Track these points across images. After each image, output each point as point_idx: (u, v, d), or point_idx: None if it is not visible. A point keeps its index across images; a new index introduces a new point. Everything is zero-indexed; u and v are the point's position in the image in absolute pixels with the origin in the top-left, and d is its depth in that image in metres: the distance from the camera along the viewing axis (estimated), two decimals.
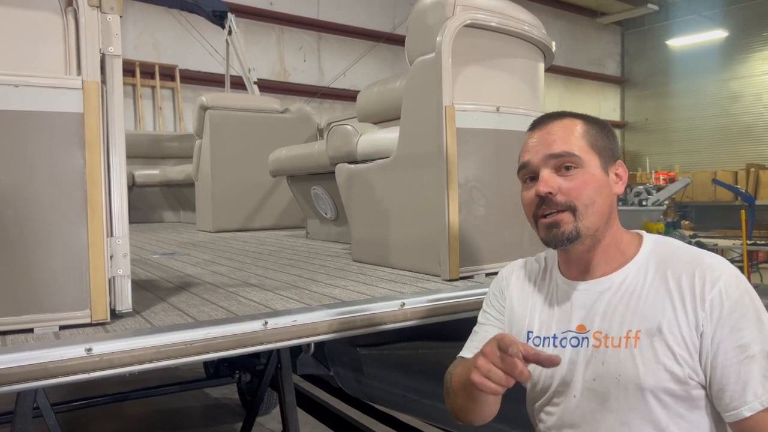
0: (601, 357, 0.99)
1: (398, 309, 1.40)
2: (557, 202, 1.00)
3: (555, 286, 1.09)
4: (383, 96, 2.56)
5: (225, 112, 3.89)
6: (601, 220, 1.01)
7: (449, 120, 1.66)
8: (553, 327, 1.06)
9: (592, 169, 1.01)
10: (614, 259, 1.04)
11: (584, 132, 1.03)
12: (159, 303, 1.46)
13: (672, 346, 0.93)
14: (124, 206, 1.28)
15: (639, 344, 0.95)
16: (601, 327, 1.00)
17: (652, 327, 0.95)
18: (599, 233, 1.02)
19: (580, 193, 0.99)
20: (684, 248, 1.02)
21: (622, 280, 1.02)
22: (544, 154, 1.02)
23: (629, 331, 0.97)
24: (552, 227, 1.00)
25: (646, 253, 1.03)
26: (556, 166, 1.01)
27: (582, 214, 0.99)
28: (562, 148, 1.01)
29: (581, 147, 1.01)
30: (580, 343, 1.01)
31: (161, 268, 2.12)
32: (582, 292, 1.04)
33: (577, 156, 1.00)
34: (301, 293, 1.55)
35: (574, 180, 1.00)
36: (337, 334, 1.31)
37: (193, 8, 5.57)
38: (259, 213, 3.98)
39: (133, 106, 8.05)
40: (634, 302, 0.98)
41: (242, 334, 1.20)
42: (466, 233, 1.73)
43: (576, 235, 0.99)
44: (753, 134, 12.06)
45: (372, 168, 2.04)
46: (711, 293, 0.93)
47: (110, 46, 1.25)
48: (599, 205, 1.00)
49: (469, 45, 1.73)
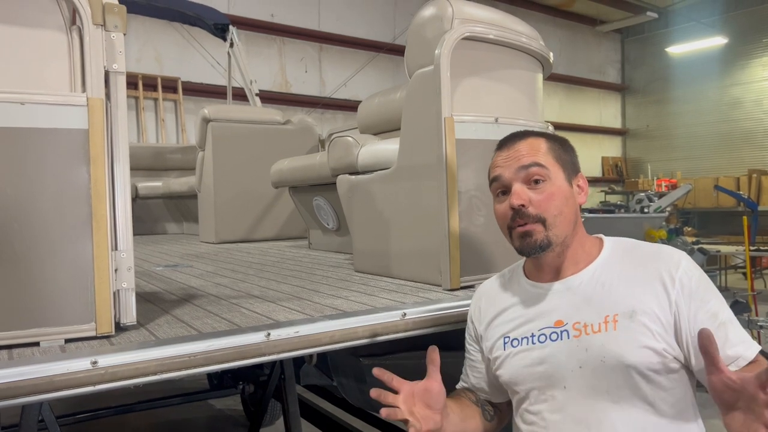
0: (583, 344, 1.06)
1: (400, 319, 1.41)
2: (529, 214, 1.09)
3: (524, 292, 1.18)
4: (384, 107, 2.59)
5: (227, 124, 3.92)
6: (568, 228, 1.11)
7: (448, 131, 1.68)
8: (529, 327, 1.13)
9: (558, 182, 1.11)
10: (581, 259, 1.13)
11: (548, 148, 1.14)
12: (163, 315, 1.47)
13: (648, 324, 1.02)
14: (129, 220, 1.30)
15: (618, 326, 1.03)
16: (578, 318, 1.08)
17: (627, 310, 1.04)
18: (567, 239, 1.12)
19: (549, 205, 1.09)
20: (642, 243, 1.14)
21: (591, 274, 1.11)
22: (515, 167, 1.12)
23: (607, 316, 1.05)
24: (525, 236, 1.10)
25: (608, 250, 1.14)
26: (526, 179, 1.11)
27: (551, 224, 1.09)
28: (532, 159, 1.11)
29: (547, 161, 1.12)
30: (560, 336, 1.08)
31: (165, 280, 2.13)
32: (555, 292, 1.13)
33: (545, 167, 1.10)
34: (303, 304, 1.56)
35: (543, 193, 1.09)
36: (339, 345, 1.32)
37: (195, 21, 5.63)
38: (261, 224, 4.01)
39: (135, 119, 8.10)
40: (607, 291, 1.08)
41: (245, 345, 1.21)
42: (467, 243, 1.74)
43: (547, 244, 1.09)
44: (754, 140, 12.06)
45: (373, 179, 2.06)
46: (678, 274, 1.04)
47: (114, 63, 1.27)
48: (566, 214, 1.11)
49: (467, 57, 1.76)
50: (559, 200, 1.10)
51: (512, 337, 1.14)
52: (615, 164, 13.62)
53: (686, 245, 6.04)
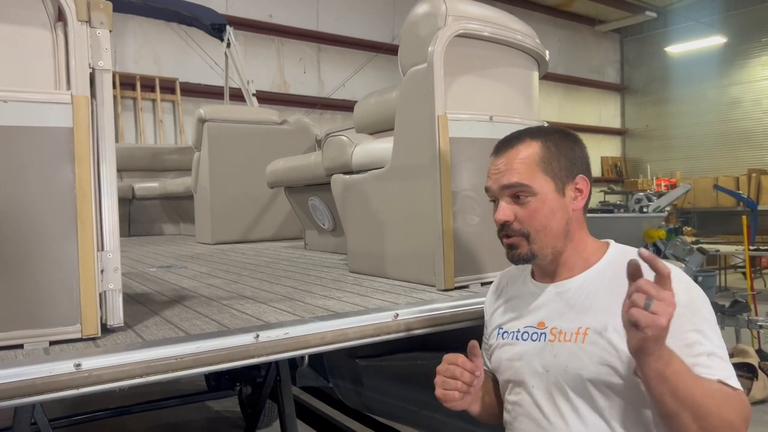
0: (554, 350, 1.09)
1: (392, 320, 1.39)
2: (513, 228, 1.12)
3: (527, 289, 1.21)
4: (380, 106, 2.57)
5: (223, 124, 3.90)
6: (555, 240, 1.12)
7: (442, 129, 1.66)
8: (518, 323, 1.17)
9: (543, 196, 1.10)
10: (576, 266, 1.14)
11: (540, 157, 1.12)
12: (152, 317, 1.45)
13: (616, 343, 1.00)
14: (115, 220, 1.27)
15: (587, 340, 1.04)
16: (556, 323, 1.11)
17: (599, 326, 1.03)
18: (557, 249, 1.12)
19: (531, 221, 1.10)
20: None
21: (580, 283, 1.12)
22: (500, 184, 1.13)
23: (579, 328, 1.06)
24: (511, 248, 1.14)
25: (607, 260, 1.13)
26: (511, 194, 1.12)
27: (534, 239, 1.11)
28: (514, 179, 1.11)
29: (534, 175, 1.10)
30: (539, 337, 1.12)
31: (157, 281, 2.11)
32: (547, 294, 1.16)
33: (527, 186, 1.10)
34: (294, 305, 1.54)
35: (526, 209, 1.11)
36: (329, 346, 1.30)
37: (192, 21, 5.61)
38: (258, 225, 3.98)
39: (134, 120, 8.07)
40: (588, 302, 1.08)
41: (233, 347, 1.19)
42: (461, 242, 1.72)
43: (531, 256, 1.12)
44: (753, 139, 12.04)
45: (367, 178, 2.04)
46: None
47: (100, 60, 1.25)
48: (553, 227, 1.11)
49: (461, 55, 1.74)
50: (544, 215, 1.10)
51: (504, 329, 1.20)
52: (614, 164, 13.60)
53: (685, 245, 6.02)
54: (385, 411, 2.32)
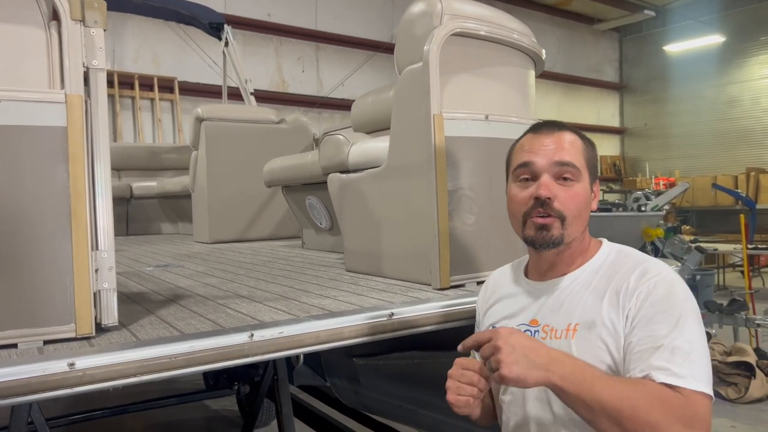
0: None
1: (387, 319, 1.39)
2: (553, 207, 1.09)
3: (518, 287, 1.22)
4: (377, 105, 2.56)
5: (221, 123, 3.90)
6: (579, 231, 1.12)
7: (438, 128, 1.66)
8: (511, 321, 1.17)
9: (585, 184, 1.11)
10: (575, 260, 1.14)
11: (583, 149, 1.14)
12: (147, 316, 1.45)
13: (605, 338, 1.01)
14: (110, 219, 1.27)
15: (576, 336, 1.05)
16: (549, 321, 1.11)
17: (588, 321, 1.04)
18: (576, 240, 1.13)
19: (572, 204, 1.09)
20: (635, 256, 1.11)
21: (573, 280, 1.12)
22: (552, 160, 1.10)
23: (569, 324, 1.07)
24: (542, 229, 1.10)
25: (600, 258, 1.13)
26: (557, 174, 1.10)
27: (569, 223, 1.09)
28: (570, 158, 1.10)
29: (581, 162, 1.11)
30: (532, 335, 1.11)
31: (153, 280, 2.11)
32: (540, 291, 1.16)
33: (578, 169, 1.10)
34: (290, 304, 1.54)
35: (569, 191, 1.09)
36: (324, 345, 1.30)
37: (190, 20, 5.61)
38: (255, 224, 3.98)
39: (132, 119, 8.06)
40: (577, 299, 1.08)
41: (227, 346, 1.19)
42: (457, 241, 1.72)
43: (560, 241, 1.10)
44: (752, 138, 12.04)
45: (363, 177, 2.04)
46: (639, 288, 1.02)
47: (94, 59, 1.25)
48: (584, 217, 1.12)
49: (457, 54, 1.73)
50: (582, 202, 1.10)
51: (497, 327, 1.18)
52: (613, 163, 13.61)
53: (683, 244, 6.02)
54: (383, 410, 2.32)
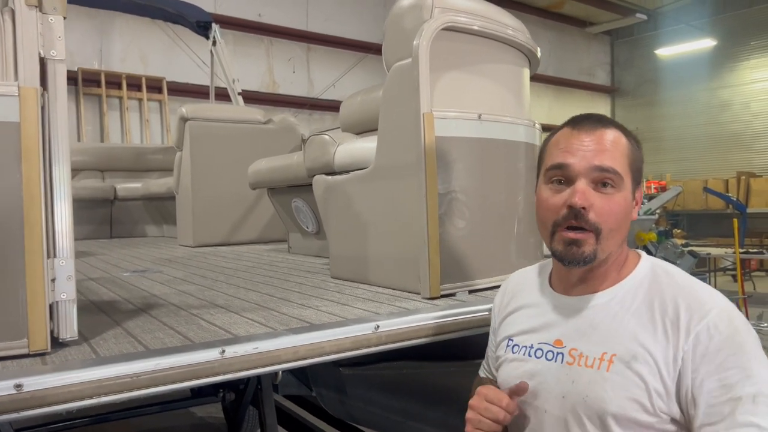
0: (572, 375, 0.95)
1: (372, 332, 1.29)
2: (587, 219, 0.94)
3: (541, 298, 1.07)
4: (366, 105, 2.48)
5: (206, 123, 3.79)
6: (616, 245, 0.97)
7: (428, 128, 1.57)
8: (531, 337, 1.04)
9: (626, 193, 0.96)
10: (609, 277, 0.99)
11: (628, 150, 0.97)
12: (113, 328, 1.34)
13: (645, 376, 0.88)
14: (69, 224, 1.17)
15: (612, 368, 0.91)
16: (577, 344, 0.97)
17: (627, 353, 0.91)
18: (612, 255, 0.98)
19: (609, 217, 0.94)
20: (679, 277, 0.96)
21: (608, 300, 0.97)
22: (591, 164, 0.94)
23: (604, 354, 0.93)
24: (572, 244, 0.95)
25: (639, 276, 0.98)
26: (595, 179, 0.94)
27: (605, 237, 0.95)
28: (611, 163, 0.94)
29: (624, 167, 0.96)
30: (555, 357, 0.99)
31: (128, 287, 2.00)
32: (566, 307, 1.01)
33: (620, 176, 0.94)
34: (268, 315, 1.44)
35: (609, 201, 0.94)
36: (303, 362, 1.19)
37: (177, 19, 5.50)
38: (241, 227, 3.87)
39: (119, 119, 7.93)
40: (615, 323, 0.94)
41: (196, 364, 1.09)
42: (448, 248, 1.63)
43: (593, 258, 0.95)
44: (743, 142, 12.07)
45: (350, 179, 1.94)
46: (697, 327, 0.87)
47: (52, 49, 1.15)
48: (622, 231, 0.97)
49: (448, 49, 1.64)
50: (621, 214, 0.95)
51: (515, 342, 1.07)
52: None
53: (676, 248, 5.97)
54: (370, 421, 2.24)
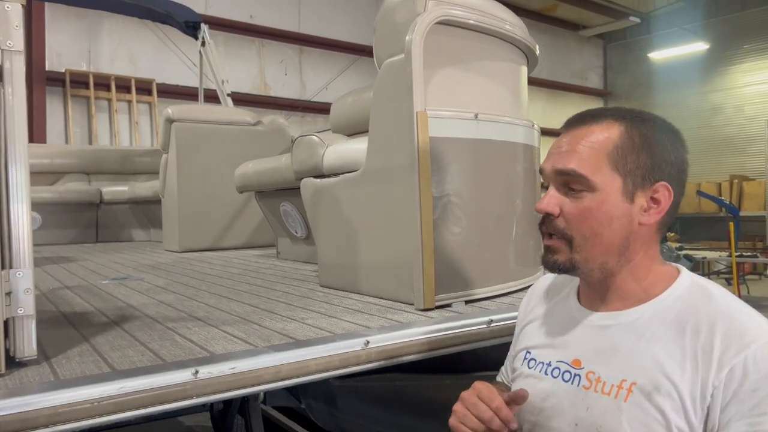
0: (588, 401, 0.86)
1: (361, 348, 1.19)
2: (555, 226, 0.87)
3: (565, 310, 0.98)
4: (358, 106, 2.38)
5: (192, 124, 3.68)
6: (606, 255, 0.86)
7: (421, 128, 1.47)
8: (550, 354, 0.95)
9: (605, 195, 0.85)
10: (632, 295, 0.88)
11: (614, 147, 0.86)
12: (79, 344, 1.23)
13: (667, 412, 0.78)
14: (27, 232, 1.06)
15: (630, 399, 0.81)
16: (595, 367, 0.87)
17: (649, 383, 0.80)
18: (608, 268, 0.87)
19: (580, 223, 0.86)
20: (720, 300, 0.83)
21: (633, 319, 0.86)
22: (554, 167, 0.88)
23: (623, 381, 0.82)
24: (547, 251, 0.89)
25: (673, 295, 0.86)
26: (562, 183, 0.88)
27: (579, 246, 0.86)
28: (575, 165, 0.86)
29: (599, 167, 0.85)
30: (572, 379, 0.89)
31: (104, 296, 1.89)
32: (588, 325, 0.91)
33: (583, 177, 0.85)
34: (249, 330, 1.33)
35: (578, 205, 0.86)
36: (285, 382, 1.09)
37: (165, 19, 5.39)
38: (229, 231, 3.76)
39: (108, 121, 7.81)
40: (640, 347, 0.83)
41: (165, 387, 0.98)
42: (443, 255, 1.53)
43: (570, 267, 0.87)
44: (735, 146, 12.08)
45: (339, 183, 1.84)
46: (733, 361, 0.76)
47: (8, 40, 1.04)
48: (606, 237, 0.85)
49: (443, 44, 1.55)
50: (597, 220, 0.85)
51: (532, 356, 0.98)
52: None
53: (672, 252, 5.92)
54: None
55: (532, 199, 1.82)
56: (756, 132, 11.73)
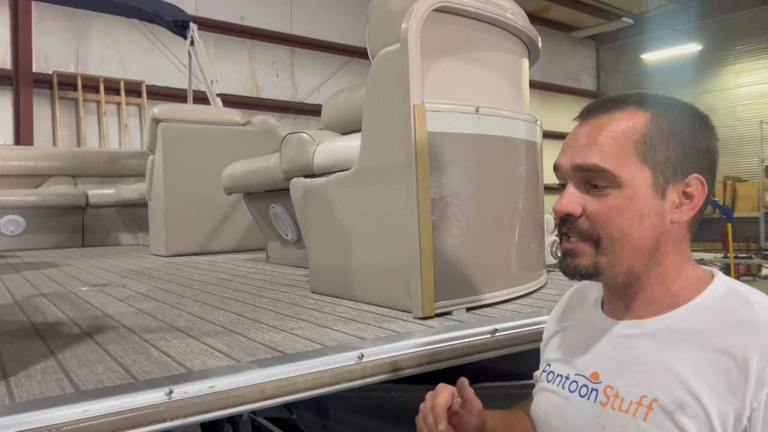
0: (604, 419, 0.77)
1: (355, 363, 1.08)
2: (578, 227, 0.77)
3: (588, 320, 0.89)
4: (350, 104, 2.29)
5: (179, 125, 3.56)
6: (636, 258, 0.77)
7: (419, 122, 1.37)
8: (568, 367, 0.87)
9: (633, 191, 0.76)
10: (659, 301, 0.78)
11: (641, 136, 0.76)
12: (44, 360, 1.12)
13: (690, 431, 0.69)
14: None
15: (650, 417, 0.72)
16: (614, 381, 0.77)
17: (672, 401, 0.71)
18: (635, 271, 0.77)
19: (607, 222, 0.76)
20: (760, 308, 0.73)
21: (658, 329, 0.77)
22: (573, 163, 0.78)
23: (643, 398, 0.73)
24: (566, 255, 0.79)
25: (706, 302, 0.75)
26: (584, 179, 0.78)
27: (606, 248, 0.76)
28: (597, 159, 0.76)
29: (625, 160, 0.76)
30: (588, 394, 0.80)
31: (80, 305, 1.77)
32: (611, 335, 0.82)
33: (609, 173, 0.75)
34: (233, 342, 1.22)
35: (603, 203, 0.77)
36: (271, 401, 0.98)
37: (153, 18, 5.29)
38: (218, 235, 3.64)
39: (97, 123, 7.68)
40: (663, 359, 0.74)
41: (135, 409, 0.87)
42: (442, 259, 1.42)
43: (594, 272, 0.78)
44: (728, 147, 12.08)
45: (331, 182, 1.73)
46: None
47: None
48: (636, 238, 0.76)
49: (441, 33, 1.45)
50: (627, 218, 0.75)
51: (552, 369, 0.89)
52: None
53: None
54: None
55: (535, 199, 1.72)
56: (749, 133, 11.74)
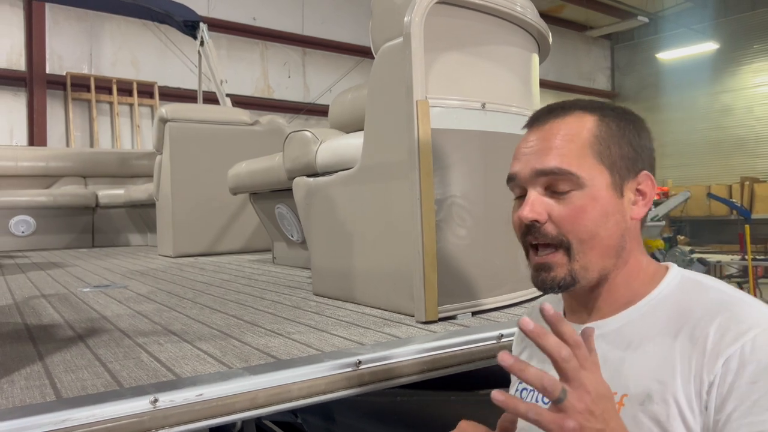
0: None
1: (353, 370, 1.03)
2: (546, 233, 0.75)
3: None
4: (358, 103, 2.24)
5: (187, 124, 3.54)
6: (605, 258, 0.76)
7: (422, 119, 1.32)
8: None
9: (596, 190, 0.76)
10: (621, 299, 0.78)
11: (594, 137, 0.77)
12: (31, 364, 1.08)
13: (664, 422, 0.69)
14: None
15: (622, 412, 0.72)
16: None
17: (641, 393, 0.71)
18: (605, 272, 0.77)
19: (575, 224, 0.74)
20: (715, 290, 0.74)
21: (620, 325, 0.76)
22: (533, 168, 0.77)
23: (613, 395, 0.70)
24: (540, 270, 0.77)
25: (663, 293, 0.76)
26: (547, 184, 0.77)
27: (578, 251, 0.75)
28: (555, 162, 0.76)
29: (584, 161, 0.77)
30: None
31: (79, 306, 1.74)
32: None
33: (574, 175, 0.75)
34: (227, 346, 1.18)
35: (568, 205, 0.76)
36: (263, 410, 0.94)
37: (164, 18, 5.30)
38: (225, 235, 3.61)
39: (110, 124, 7.73)
40: (629, 355, 0.74)
41: (118, 418, 0.83)
42: (446, 261, 1.37)
43: (571, 281, 0.76)
44: (745, 147, 11.87)
45: (333, 181, 1.69)
46: (729, 350, 0.67)
47: None
48: (603, 238, 0.75)
49: (446, 26, 1.39)
50: (593, 219, 0.75)
51: (523, 386, 0.87)
52: None
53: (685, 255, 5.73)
54: None
55: None
56: (766, 133, 11.52)
